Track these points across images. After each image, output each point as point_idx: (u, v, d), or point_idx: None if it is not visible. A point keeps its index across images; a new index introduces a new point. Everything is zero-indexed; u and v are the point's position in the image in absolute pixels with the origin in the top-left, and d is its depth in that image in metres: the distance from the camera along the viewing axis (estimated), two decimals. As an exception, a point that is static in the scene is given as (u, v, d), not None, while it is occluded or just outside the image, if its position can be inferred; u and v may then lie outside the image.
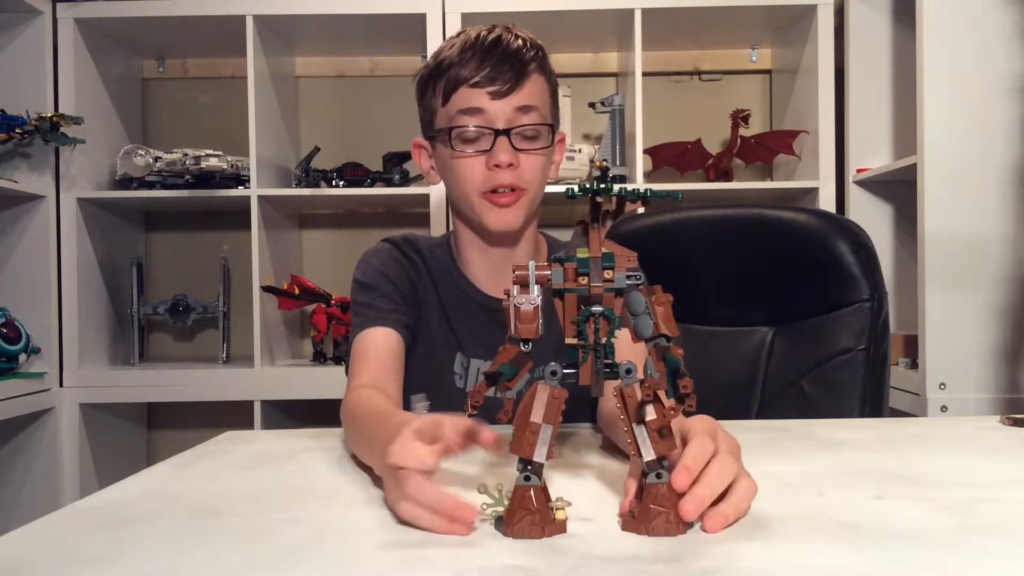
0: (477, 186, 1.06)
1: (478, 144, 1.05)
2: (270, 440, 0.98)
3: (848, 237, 1.21)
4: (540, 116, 1.08)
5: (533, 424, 0.57)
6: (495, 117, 1.05)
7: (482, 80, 1.04)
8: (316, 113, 2.61)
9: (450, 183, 1.11)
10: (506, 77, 1.04)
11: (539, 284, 0.59)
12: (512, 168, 1.05)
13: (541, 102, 1.09)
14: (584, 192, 0.56)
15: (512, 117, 1.05)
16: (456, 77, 1.05)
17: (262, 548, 0.56)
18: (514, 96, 1.05)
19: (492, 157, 1.04)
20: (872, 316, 1.17)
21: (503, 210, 1.06)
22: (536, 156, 1.07)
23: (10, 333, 2.04)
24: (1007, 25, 1.83)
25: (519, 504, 0.56)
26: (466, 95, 1.05)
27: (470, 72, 1.04)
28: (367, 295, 1.11)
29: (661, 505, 0.56)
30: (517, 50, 1.06)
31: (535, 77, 1.08)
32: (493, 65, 1.04)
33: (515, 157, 1.05)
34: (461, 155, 1.06)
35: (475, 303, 1.15)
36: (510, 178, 1.05)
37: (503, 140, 1.04)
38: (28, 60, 2.15)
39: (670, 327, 0.57)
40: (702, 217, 1.35)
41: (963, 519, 0.60)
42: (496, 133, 1.04)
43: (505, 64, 1.04)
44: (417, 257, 1.18)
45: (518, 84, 1.05)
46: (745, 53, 2.58)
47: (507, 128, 1.04)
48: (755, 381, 1.26)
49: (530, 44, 1.08)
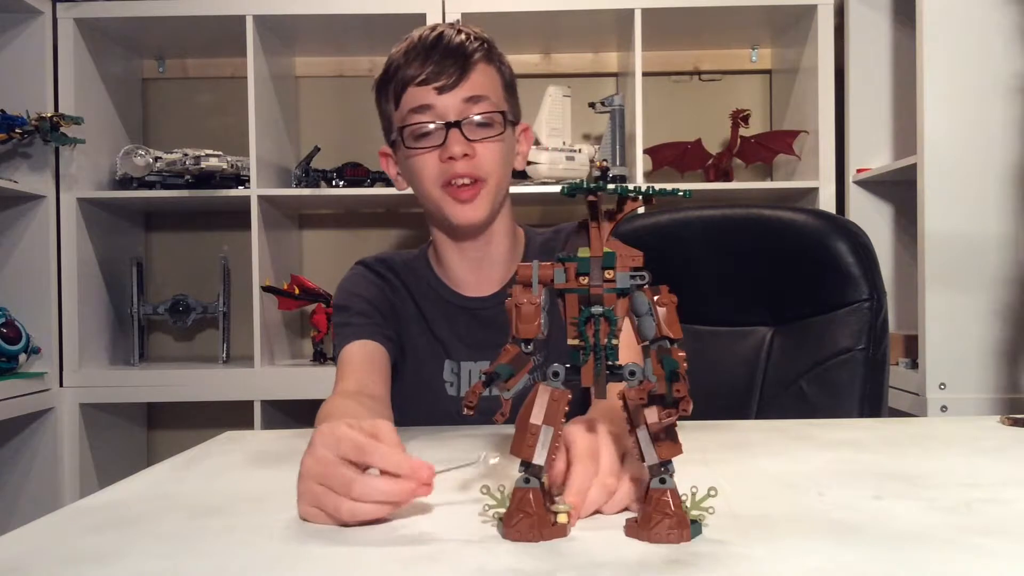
0: (434, 180, 1.07)
1: (431, 139, 1.06)
2: (270, 440, 0.98)
3: (847, 237, 1.21)
4: (491, 105, 1.08)
5: (533, 426, 0.56)
6: (445, 111, 1.06)
7: (428, 76, 1.05)
8: (316, 113, 2.60)
9: (413, 184, 1.13)
10: (450, 71, 1.05)
11: (542, 283, 0.58)
12: (468, 159, 1.05)
13: (491, 92, 1.09)
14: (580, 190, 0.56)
15: (461, 109, 1.06)
16: (403, 78, 1.07)
17: (262, 548, 0.56)
18: (460, 88, 1.06)
19: (445, 150, 1.05)
20: (871, 316, 1.17)
21: (465, 204, 1.07)
22: (491, 144, 1.07)
23: (10, 333, 2.04)
24: (1007, 25, 1.82)
25: (518, 506, 0.56)
26: (414, 94, 1.06)
27: (415, 71, 1.06)
28: (342, 316, 1.13)
29: (664, 511, 0.55)
30: (460, 44, 1.07)
31: (482, 67, 1.08)
32: (436, 61, 1.05)
33: (469, 147, 1.05)
34: (416, 152, 1.07)
35: (455, 306, 1.15)
36: (466, 168, 1.06)
37: (455, 132, 1.05)
38: (28, 60, 2.15)
39: (673, 329, 0.56)
40: (702, 217, 1.35)
41: (963, 519, 0.60)
42: (447, 126, 1.05)
43: (448, 59, 1.05)
44: (390, 274, 1.19)
45: (463, 76, 1.06)
46: (745, 53, 2.58)
47: (457, 120, 1.05)
48: (754, 381, 1.27)
49: (474, 37, 1.09)
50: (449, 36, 1.07)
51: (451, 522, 0.61)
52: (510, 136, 1.12)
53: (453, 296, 1.16)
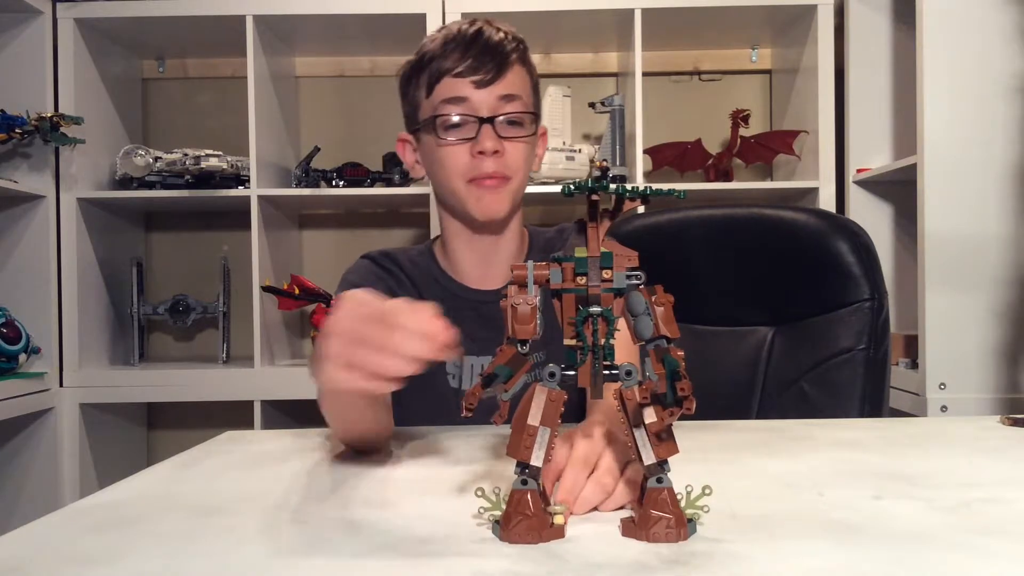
0: (462, 173, 1.08)
1: (462, 132, 1.07)
2: (270, 440, 0.98)
3: (848, 237, 1.21)
4: (523, 105, 1.09)
5: (530, 427, 0.56)
6: (479, 105, 1.06)
7: (465, 70, 1.06)
8: (316, 113, 2.61)
9: (435, 173, 1.12)
10: (488, 67, 1.06)
11: (537, 284, 0.58)
12: (497, 156, 1.06)
13: (523, 92, 1.10)
14: (580, 190, 0.56)
15: (495, 105, 1.07)
16: (439, 68, 1.07)
17: (262, 548, 0.56)
18: (497, 85, 1.07)
19: (477, 144, 1.06)
20: (872, 316, 1.17)
21: (489, 197, 1.08)
22: (520, 144, 1.09)
23: (10, 333, 2.04)
24: (1007, 25, 1.82)
25: (515, 508, 0.56)
26: (449, 85, 1.07)
27: (453, 63, 1.06)
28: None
29: (662, 510, 0.55)
30: (499, 42, 1.08)
31: (517, 68, 1.10)
32: (475, 56, 1.06)
33: (500, 144, 1.06)
34: (446, 143, 1.07)
35: (461, 299, 1.15)
36: (494, 166, 1.06)
37: (487, 128, 1.06)
38: (28, 60, 2.15)
39: (671, 328, 0.56)
40: (702, 217, 1.35)
41: (963, 519, 0.60)
42: (480, 121, 1.06)
43: (487, 55, 1.06)
44: (395, 267, 1.19)
45: (500, 74, 1.07)
46: (745, 53, 2.58)
47: (491, 116, 1.06)
48: (755, 381, 1.26)
49: (511, 37, 1.10)
50: (489, 33, 1.08)
51: (447, 525, 0.61)
52: (534, 139, 1.13)
53: (459, 289, 1.16)
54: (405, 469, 0.81)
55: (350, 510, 0.66)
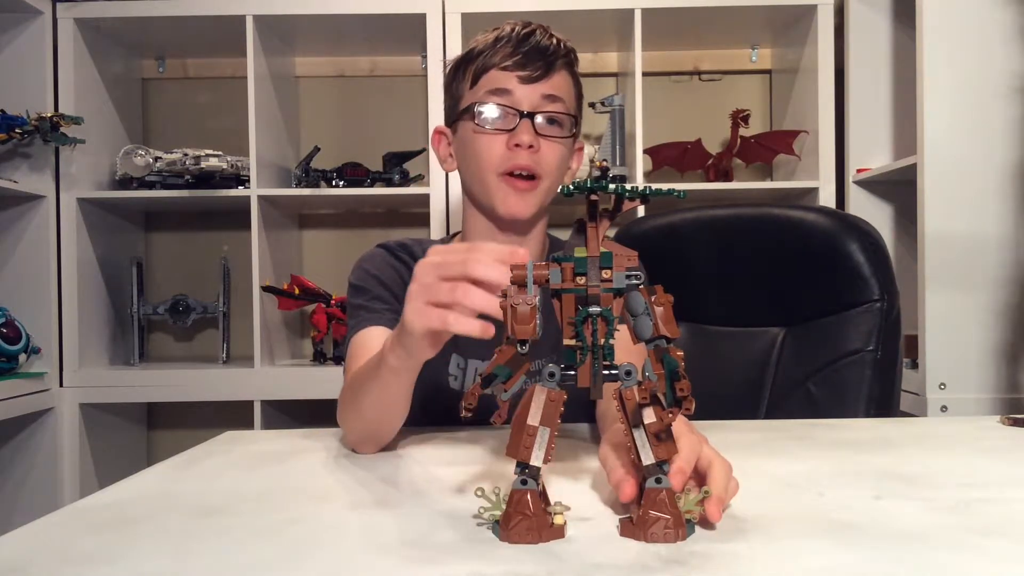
0: (495, 165, 1.08)
1: (501, 123, 1.07)
2: (270, 440, 0.98)
3: (859, 236, 1.19)
4: (565, 108, 1.10)
5: (530, 427, 0.56)
6: (521, 99, 1.07)
7: (513, 65, 1.07)
8: (316, 113, 2.61)
9: (468, 162, 1.12)
10: (536, 65, 1.07)
11: (537, 284, 0.58)
12: (532, 151, 1.06)
13: (567, 96, 1.11)
14: (579, 190, 0.56)
15: (538, 102, 1.07)
16: (487, 62, 1.08)
17: (262, 548, 0.56)
18: (542, 84, 1.07)
19: (514, 137, 1.06)
20: (882, 316, 1.17)
21: (518, 194, 1.08)
22: (557, 144, 1.09)
23: (10, 333, 2.04)
24: (1007, 25, 1.83)
25: (515, 508, 0.56)
26: (495, 76, 1.08)
27: (502, 58, 1.07)
28: (361, 297, 1.12)
29: (660, 511, 0.55)
30: (550, 46, 1.09)
31: (563, 73, 1.11)
32: (525, 53, 1.07)
33: (536, 140, 1.06)
34: (483, 132, 1.08)
35: None
36: (528, 160, 1.06)
37: (526, 122, 1.06)
38: (28, 60, 2.15)
39: (670, 328, 0.56)
40: (712, 217, 1.35)
41: (963, 519, 0.60)
42: (521, 115, 1.06)
43: (537, 54, 1.07)
44: (412, 260, 1.18)
45: (547, 74, 1.08)
46: (745, 53, 2.58)
47: (532, 111, 1.07)
48: (764, 382, 1.26)
49: (563, 44, 1.12)
50: (541, 35, 1.10)
51: (446, 525, 0.61)
52: (571, 145, 1.13)
53: None
54: (405, 469, 0.81)
55: (350, 510, 0.66)
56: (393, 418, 0.88)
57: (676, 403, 0.53)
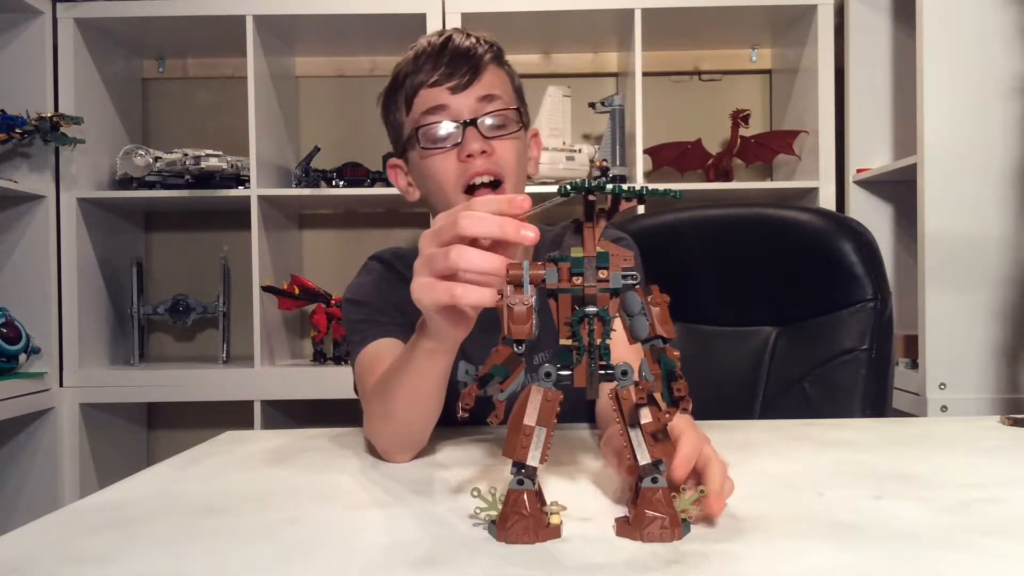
0: (454, 181, 1.05)
1: (448, 139, 1.05)
2: (270, 440, 0.98)
3: (852, 236, 1.20)
4: (504, 104, 1.07)
5: (526, 427, 0.56)
6: (459, 110, 1.05)
7: (440, 78, 1.04)
8: (316, 113, 2.61)
9: (428, 188, 1.10)
10: (463, 71, 1.05)
11: (533, 283, 0.58)
12: (486, 156, 1.04)
13: (504, 92, 1.08)
14: (576, 190, 0.56)
15: (476, 107, 1.05)
16: (414, 83, 1.06)
17: (262, 548, 0.56)
18: (474, 88, 1.05)
19: (463, 148, 1.04)
20: (875, 316, 1.17)
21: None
22: (508, 141, 1.07)
23: (10, 333, 2.04)
24: (1007, 25, 1.83)
25: (512, 508, 0.56)
26: (427, 96, 1.05)
27: (427, 74, 1.05)
28: (361, 312, 1.10)
29: (656, 510, 0.55)
30: (470, 47, 1.06)
31: (493, 69, 1.08)
32: (448, 63, 1.05)
33: (487, 144, 1.04)
34: (432, 153, 1.05)
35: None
36: (485, 165, 1.04)
37: (471, 130, 1.04)
38: (28, 60, 2.15)
39: (666, 328, 0.56)
40: (705, 216, 1.35)
41: (963, 519, 0.60)
42: (464, 125, 1.04)
43: (460, 60, 1.05)
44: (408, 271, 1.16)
45: (476, 76, 1.05)
46: (745, 53, 2.58)
47: (473, 118, 1.05)
48: (758, 381, 1.26)
49: (483, 40, 1.09)
50: (459, 40, 1.07)
51: (443, 525, 0.61)
52: (523, 137, 1.11)
53: None
54: (402, 469, 0.81)
55: (349, 510, 0.66)
56: (426, 415, 0.85)
57: (674, 403, 0.53)
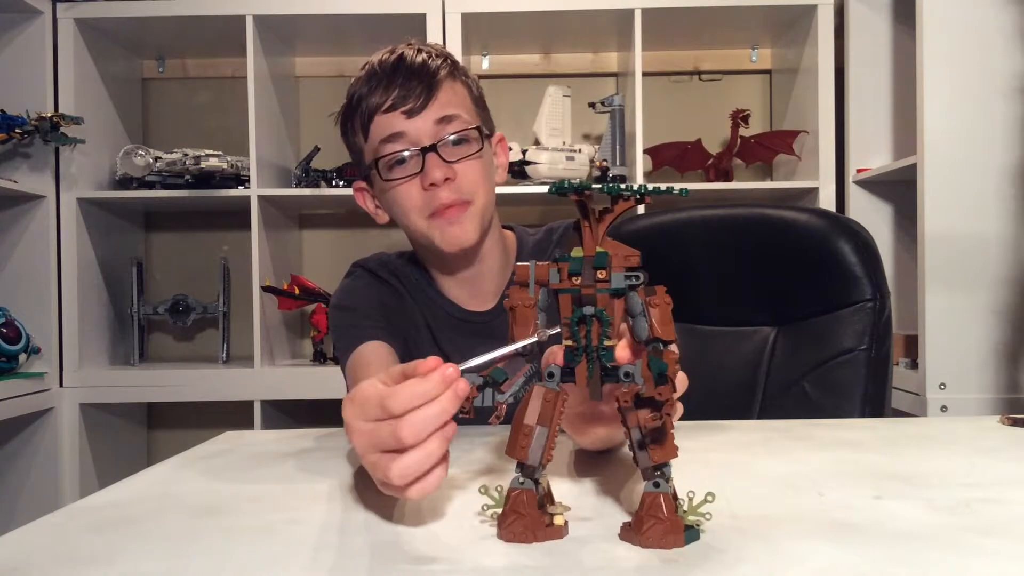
0: (419, 210, 1.03)
1: (408, 167, 1.02)
2: (270, 440, 0.98)
3: (851, 236, 1.20)
4: (464, 123, 1.04)
5: (527, 427, 0.56)
6: (418, 136, 1.02)
7: (394, 102, 1.01)
8: (316, 113, 2.60)
9: (395, 215, 1.08)
10: (416, 93, 1.01)
11: (539, 284, 0.58)
12: (449, 182, 1.01)
13: (463, 108, 1.05)
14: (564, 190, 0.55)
15: (435, 131, 1.02)
16: (369, 108, 1.03)
17: (262, 548, 0.56)
18: (430, 110, 1.02)
19: (426, 177, 1.01)
20: (874, 316, 1.17)
21: (453, 227, 1.03)
22: (471, 162, 1.04)
23: (10, 333, 2.04)
24: (1007, 25, 1.83)
25: (511, 507, 0.56)
26: (382, 122, 1.02)
27: (380, 98, 1.02)
28: (348, 317, 1.09)
29: (656, 516, 0.54)
30: (422, 64, 1.03)
31: (448, 84, 1.04)
32: (400, 84, 1.01)
33: (450, 170, 1.01)
34: (395, 183, 1.03)
35: (456, 319, 1.13)
36: (449, 194, 1.02)
37: (432, 156, 1.01)
38: (28, 60, 2.15)
39: (666, 330, 0.55)
40: (704, 216, 1.35)
41: (963, 519, 0.60)
42: (423, 151, 1.01)
43: (412, 80, 1.01)
44: (394, 279, 1.16)
45: (431, 97, 1.02)
46: (745, 53, 2.58)
47: (432, 143, 1.01)
48: (757, 381, 1.26)
49: (435, 54, 1.05)
50: (410, 57, 1.03)
51: (447, 524, 0.61)
52: (488, 151, 1.08)
53: (455, 309, 1.14)
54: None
55: (349, 510, 0.66)
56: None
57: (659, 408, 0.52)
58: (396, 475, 0.55)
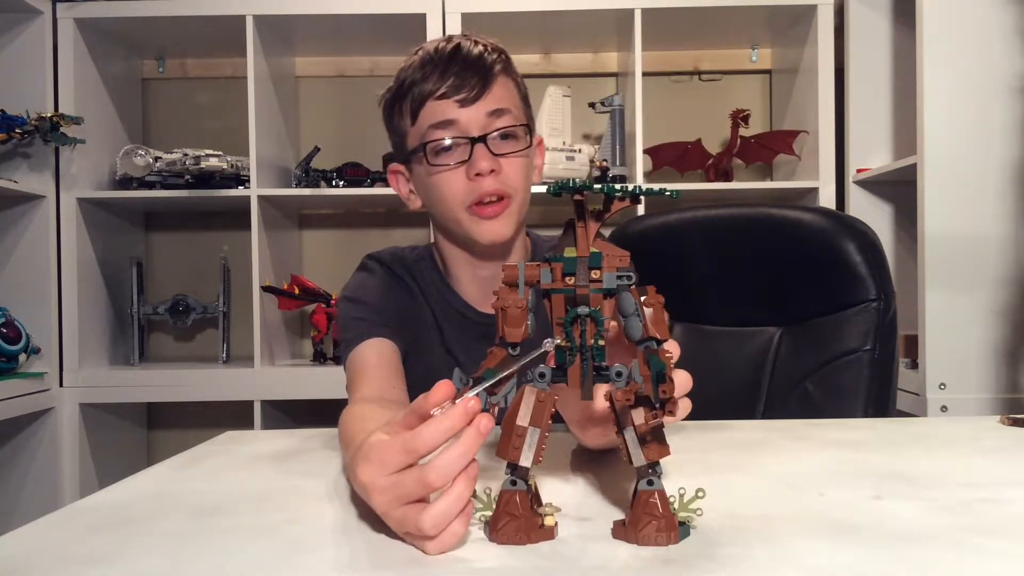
0: (461, 200, 1.03)
1: (455, 155, 1.02)
2: (270, 440, 0.98)
3: (856, 236, 1.19)
4: (514, 118, 1.04)
5: (519, 427, 0.55)
6: (468, 125, 1.01)
7: (448, 90, 1.01)
8: (316, 113, 2.61)
9: (433, 202, 1.07)
10: (472, 83, 1.01)
11: (528, 285, 0.58)
12: (494, 174, 1.01)
13: (512, 104, 1.05)
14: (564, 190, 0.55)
15: (485, 123, 1.02)
16: (421, 92, 1.02)
17: (262, 548, 0.56)
18: (483, 101, 1.02)
19: (472, 166, 1.01)
20: (879, 316, 1.17)
21: (491, 221, 1.03)
22: (517, 159, 1.04)
23: (10, 333, 2.04)
24: (1007, 25, 1.83)
25: (504, 509, 0.55)
26: (434, 108, 1.02)
27: (434, 84, 1.01)
28: (357, 310, 1.08)
29: (652, 513, 0.54)
30: (479, 56, 1.03)
31: (501, 80, 1.04)
32: (456, 73, 1.01)
33: (496, 163, 1.01)
34: (440, 169, 1.02)
35: (470, 321, 1.12)
36: (494, 185, 1.01)
37: (480, 147, 1.01)
38: (28, 60, 2.15)
39: (660, 329, 0.55)
40: (709, 216, 1.35)
41: (963, 519, 0.60)
42: (472, 141, 1.01)
43: (469, 71, 1.01)
44: (408, 276, 1.15)
45: (485, 89, 1.02)
46: (745, 53, 2.58)
47: (482, 135, 1.01)
48: (761, 381, 1.26)
49: (491, 48, 1.05)
50: (467, 48, 1.03)
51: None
52: (531, 151, 1.08)
53: (469, 311, 1.13)
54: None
55: (347, 510, 0.66)
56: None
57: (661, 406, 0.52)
58: (429, 525, 0.53)
